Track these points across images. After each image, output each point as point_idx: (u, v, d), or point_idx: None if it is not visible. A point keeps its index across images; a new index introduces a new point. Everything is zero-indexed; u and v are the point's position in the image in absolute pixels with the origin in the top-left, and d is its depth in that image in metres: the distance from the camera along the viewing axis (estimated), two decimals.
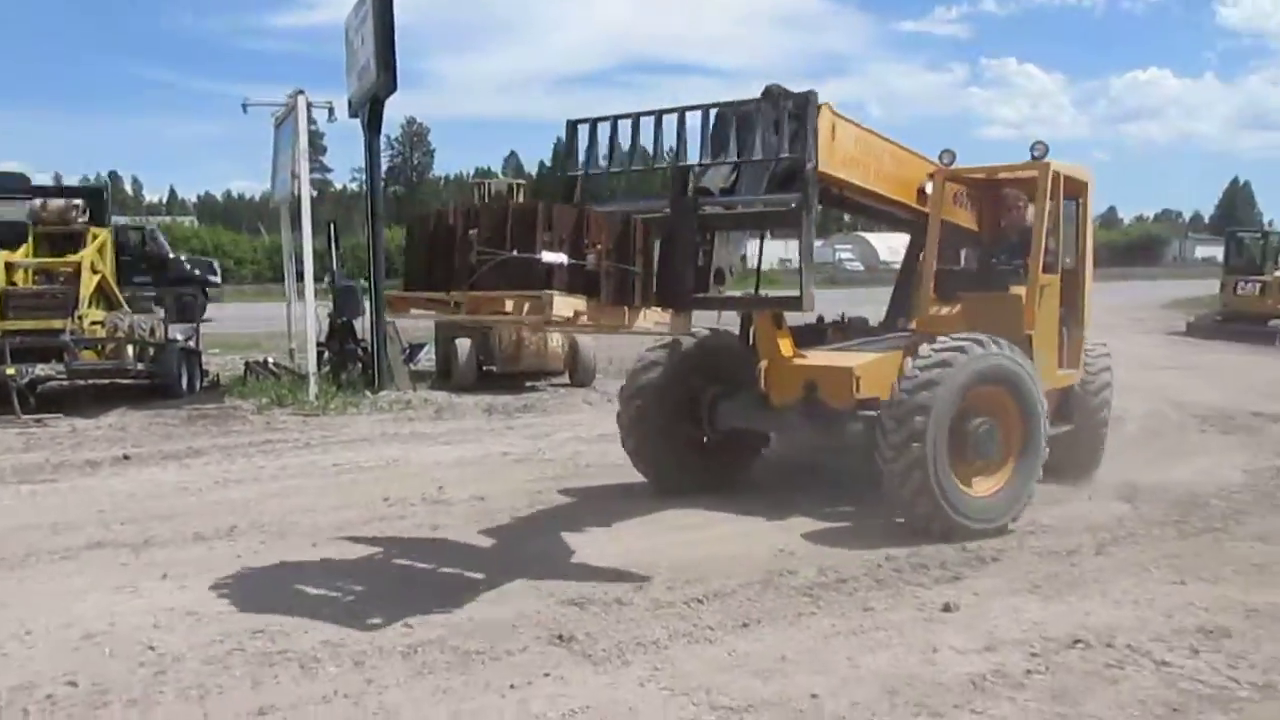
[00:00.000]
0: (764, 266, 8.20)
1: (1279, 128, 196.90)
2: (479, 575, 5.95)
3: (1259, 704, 4.21)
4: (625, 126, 6.40)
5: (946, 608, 5.32)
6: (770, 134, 5.99)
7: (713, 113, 6.23)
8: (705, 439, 8.07)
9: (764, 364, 7.49)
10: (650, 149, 6.40)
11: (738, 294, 7.63)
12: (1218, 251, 39.25)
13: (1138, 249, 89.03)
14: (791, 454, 8.77)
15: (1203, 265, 66.24)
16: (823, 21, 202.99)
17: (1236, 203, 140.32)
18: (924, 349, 6.77)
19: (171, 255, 28.06)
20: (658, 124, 6.20)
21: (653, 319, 5.84)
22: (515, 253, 5.06)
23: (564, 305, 5.09)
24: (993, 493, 6.89)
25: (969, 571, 6.00)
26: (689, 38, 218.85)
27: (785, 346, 7.49)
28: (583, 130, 6.51)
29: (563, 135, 6.84)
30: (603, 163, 6.53)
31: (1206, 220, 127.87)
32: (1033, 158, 7.55)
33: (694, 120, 6.17)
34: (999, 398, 6.96)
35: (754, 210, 6.62)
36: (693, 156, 6.23)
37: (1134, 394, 11.79)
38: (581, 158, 6.63)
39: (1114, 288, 33.60)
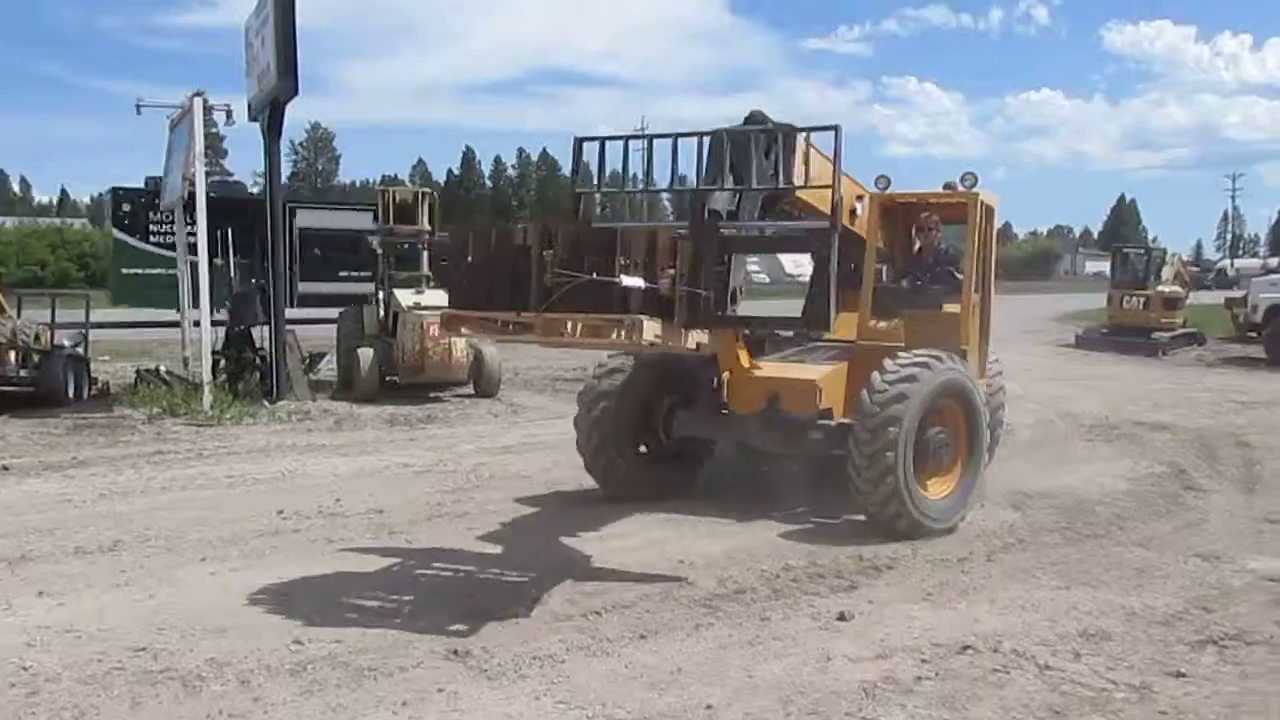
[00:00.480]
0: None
1: (1162, 149, 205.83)
2: (374, 589, 5.83)
3: (1135, 705, 4.35)
4: (613, 146, 6.75)
5: (841, 616, 5.39)
6: (763, 160, 6.20)
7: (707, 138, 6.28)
8: (659, 447, 8.23)
9: (726, 375, 7.65)
10: (646, 171, 6.72)
11: (759, 316, 7.82)
12: (1107, 266, 40.78)
13: (1032, 263, 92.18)
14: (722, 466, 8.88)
15: (1093, 279, 68.78)
16: (731, 36, 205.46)
17: (1123, 219, 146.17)
18: (890, 365, 7.09)
19: None
20: (675, 149, 6.32)
21: (695, 339, 6.00)
22: (595, 276, 5.20)
23: (650, 330, 5.31)
24: (946, 495, 7.35)
25: (864, 581, 6.09)
26: (598, 49, 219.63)
27: (745, 358, 7.63)
28: (588, 148, 6.61)
29: (471, 145, 6.91)
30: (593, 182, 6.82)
31: (1096, 236, 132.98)
32: (963, 188, 8.03)
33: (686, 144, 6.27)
34: (952, 408, 7.45)
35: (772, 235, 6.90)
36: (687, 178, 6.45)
37: (1025, 404, 12.20)
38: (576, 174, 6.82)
39: (1009, 301, 34.61)
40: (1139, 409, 13.72)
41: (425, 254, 16.56)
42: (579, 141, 6.46)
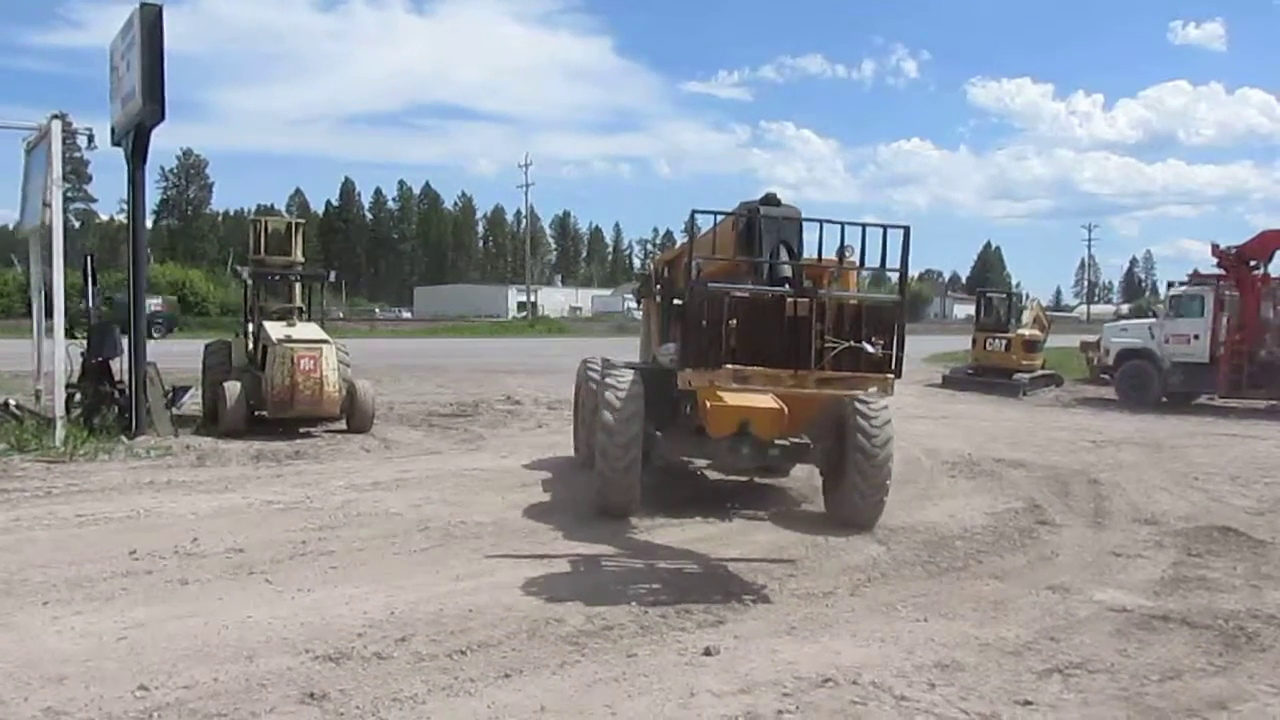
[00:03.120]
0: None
1: (1024, 199, 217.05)
2: (228, 632, 5.61)
3: None
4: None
5: (707, 651, 5.43)
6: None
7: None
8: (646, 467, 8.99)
9: (708, 404, 8.49)
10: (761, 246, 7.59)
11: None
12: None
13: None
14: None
15: (962, 322, 71.53)
16: (614, 78, 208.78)
17: (989, 265, 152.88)
18: (874, 407, 8.48)
19: None
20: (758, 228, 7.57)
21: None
22: (854, 343, 6.46)
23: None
24: None
25: (731, 615, 6.15)
26: (480, 84, 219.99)
27: (723, 390, 8.13)
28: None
29: (351, 176, 7.25)
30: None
31: (964, 280, 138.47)
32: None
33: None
34: None
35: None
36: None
37: (894, 441, 12.52)
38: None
39: None
40: (999, 447, 14.27)
41: (298, 285, 16.21)
42: (694, 214, 7.15)
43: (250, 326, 15.36)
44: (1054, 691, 5.05)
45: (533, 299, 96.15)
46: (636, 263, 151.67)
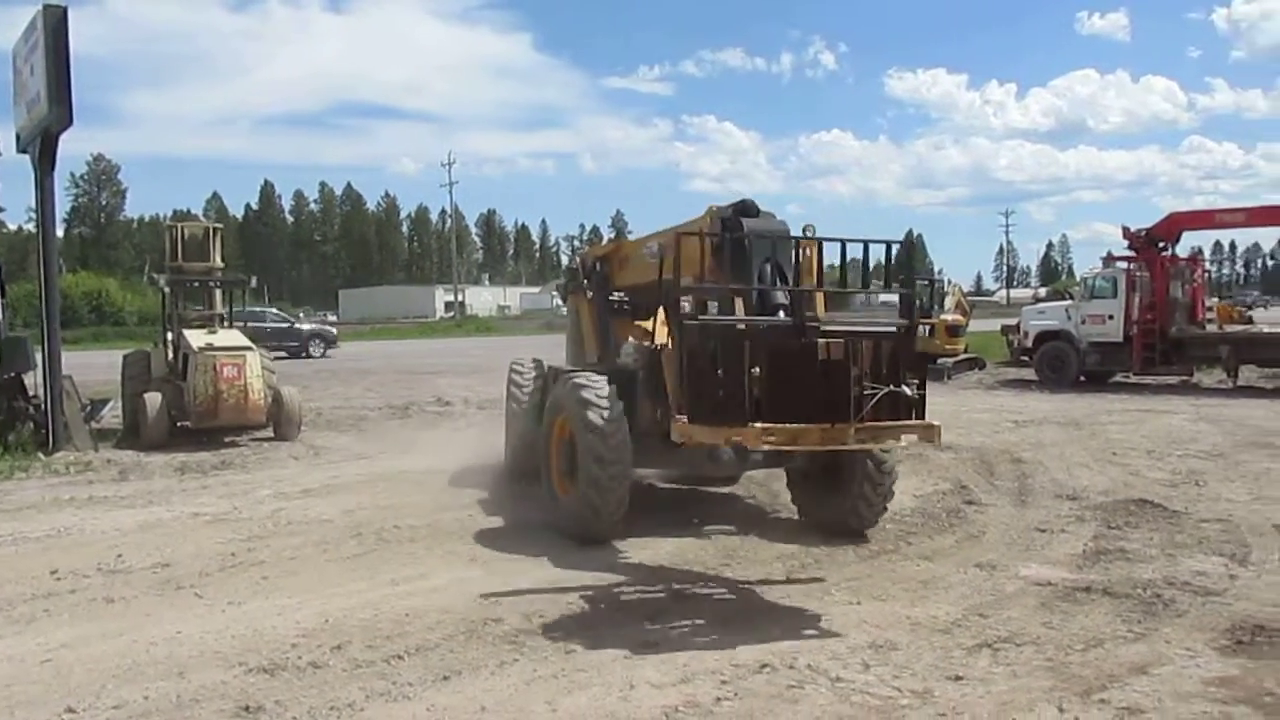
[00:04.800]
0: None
1: (942, 187, 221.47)
2: (157, 649, 5.49)
3: (917, 710, 4.60)
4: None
5: (646, 644, 5.47)
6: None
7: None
8: None
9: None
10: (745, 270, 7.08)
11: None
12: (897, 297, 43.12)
13: (829, 295, 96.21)
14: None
15: (884, 309, 72.60)
16: (535, 74, 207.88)
17: (911, 253, 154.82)
18: None
19: None
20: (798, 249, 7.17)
21: None
22: (892, 387, 5.96)
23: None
24: None
25: (669, 607, 6.19)
26: (400, 82, 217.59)
27: None
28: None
29: (270, 179, 6.93)
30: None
31: (887, 269, 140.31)
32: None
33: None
34: None
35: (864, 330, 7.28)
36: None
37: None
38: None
39: None
40: None
41: (218, 292, 15.89)
42: (678, 237, 6.78)
43: (169, 335, 15.02)
44: (984, 665, 5.19)
45: (460, 299, 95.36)
46: (564, 260, 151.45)
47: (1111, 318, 22.39)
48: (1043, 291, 50.58)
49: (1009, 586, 6.70)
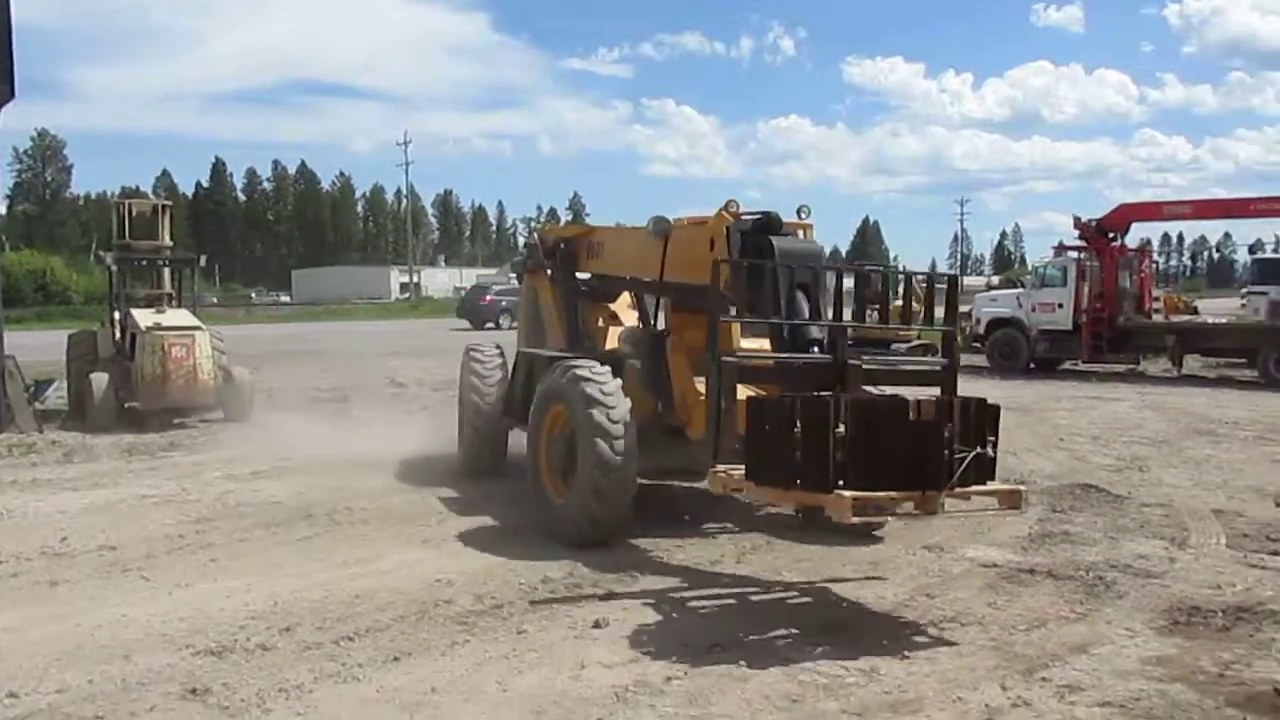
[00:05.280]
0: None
1: (899, 174, 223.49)
2: (102, 632, 5.41)
3: (864, 687, 4.67)
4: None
5: (597, 624, 5.49)
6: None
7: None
8: None
9: (689, 399, 7.43)
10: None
11: None
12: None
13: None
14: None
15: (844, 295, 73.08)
16: (493, 53, 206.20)
17: (868, 239, 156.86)
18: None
19: None
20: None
21: None
22: (980, 450, 5.38)
23: None
24: None
25: (621, 588, 6.21)
26: (355, 60, 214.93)
27: (699, 385, 7.29)
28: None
29: (222, 156, 6.66)
30: None
31: (844, 254, 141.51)
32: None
33: None
34: None
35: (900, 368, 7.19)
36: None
37: None
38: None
39: None
40: None
41: (167, 271, 15.64)
42: (717, 264, 6.40)
43: (116, 315, 14.75)
44: (930, 645, 5.27)
45: (416, 280, 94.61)
46: (521, 241, 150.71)
47: (1061, 306, 22.75)
48: (996, 280, 51.10)
49: (956, 568, 6.81)
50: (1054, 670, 4.89)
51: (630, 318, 9.47)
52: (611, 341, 9.10)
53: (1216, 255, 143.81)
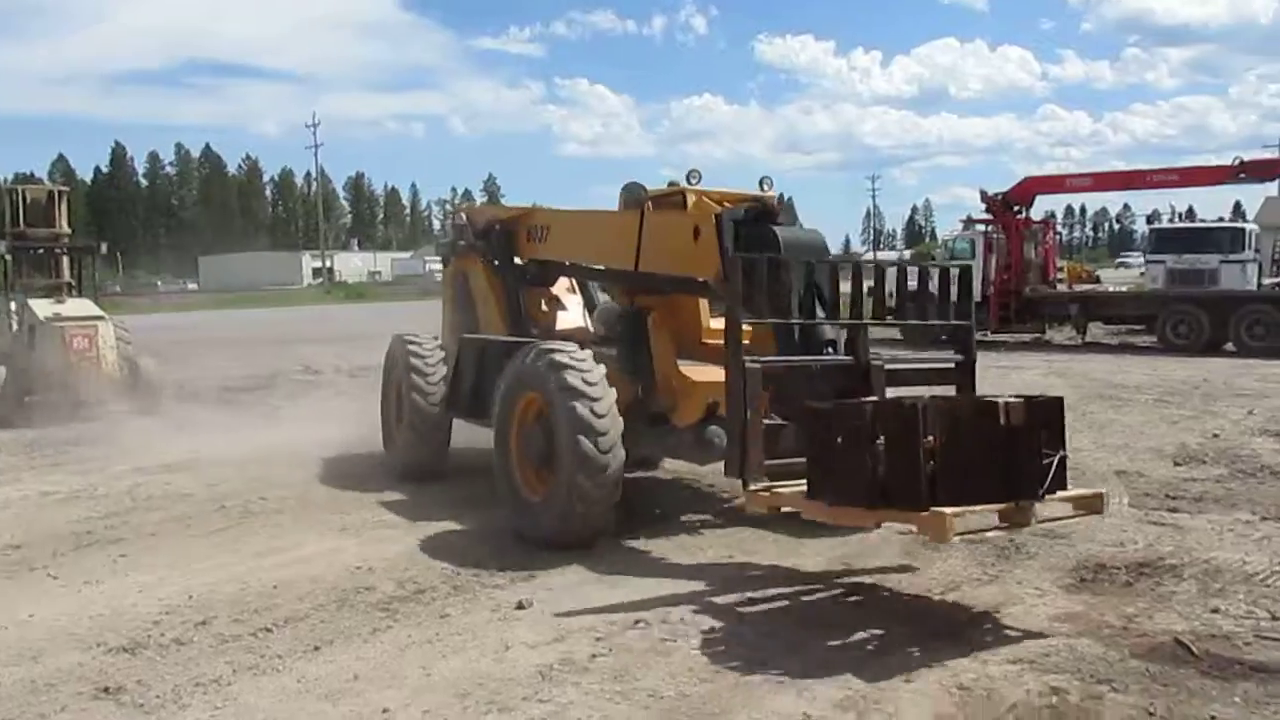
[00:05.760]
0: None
1: (811, 152, 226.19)
2: (8, 633, 5.24)
3: (787, 658, 4.73)
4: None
5: (520, 605, 5.48)
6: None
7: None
8: None
9: (675, 384, 7.03)
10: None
11: None
12: None
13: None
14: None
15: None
16: (402, 33, 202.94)
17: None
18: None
19: None
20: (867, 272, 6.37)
21: None
22: (1063, 452, 4.96)
23: None
24: None
25: (543, 569, 6.19)
26: (259, 39, 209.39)
27: (685, 369, 7.03)
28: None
29: (121, 140, 6.29)
30: None
31: None
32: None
33: None
34: None
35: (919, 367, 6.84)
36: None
37: None
38: None
39: None
40: None
41: (66, 259, 15.09)
42: (736, 258, 5.87)
43: (13, 305, 14.20)
44: (849, 612, 5.38)
45: (328, 265, 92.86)
46: (436, 224, 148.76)
47: None
48: (907, 254, 52.18)
49: (873, 537, 6.93)
50: (968, 631, 5.03)
51: (572, 301, 9.20)
52: (560, 325, 8.77)
53: (1117, 226, 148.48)
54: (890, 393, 6.09)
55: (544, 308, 9.06)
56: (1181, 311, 21.64)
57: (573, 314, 9.22)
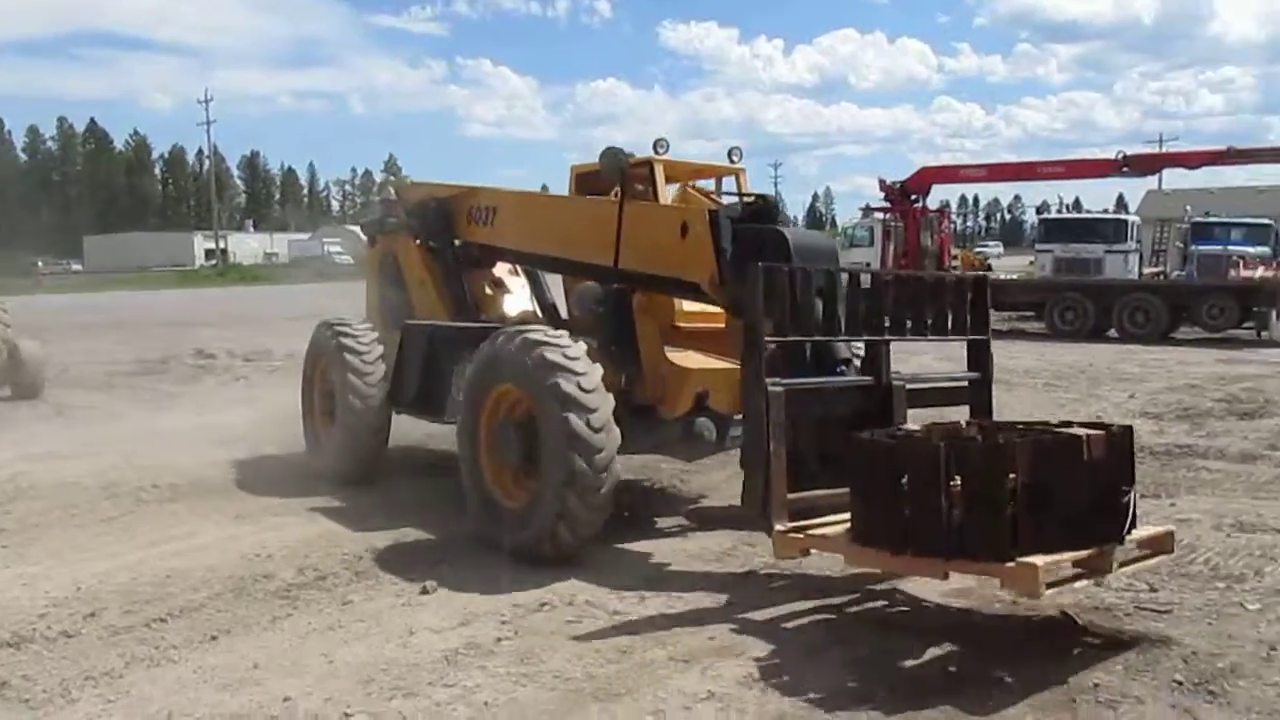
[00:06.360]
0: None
1: (714, 138, 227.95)
2: None
3: (694, 634, 4.80)
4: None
5: (424, 590, 5.43)
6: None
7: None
8: None
9: (664, 372, 6.50)
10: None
11: None
12: None
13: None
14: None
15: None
16: (299, 7, 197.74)
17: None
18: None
19: None
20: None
21: None
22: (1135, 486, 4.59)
23: None
24: None
25: (448, 554, 6.13)
26: (148, 9, 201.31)
27: (673, 356, 6.56)
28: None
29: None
30: None
31: None
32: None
33: None
34: None
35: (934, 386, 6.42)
36: None
37: None
38: None
39: None
40: None
41: None
42: (761, 269, 5.23)
43: None
44: (752, 589, 5.48)
45: (222, 246, 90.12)
46: (335, 204, 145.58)
47: (869, 265, 23.79)
48: None
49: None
50: (866, 605, 5.16)
51: (516, 283, 8.62)
52: (508, 308, 8.26)
53: (1008, 216, 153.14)
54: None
55: (488, 290, 8.46)
56: (1068, 299, 22.46)
57: (519, 297, 8.59)
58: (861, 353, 6.06)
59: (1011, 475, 4.24)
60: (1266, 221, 25.28)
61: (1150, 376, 14.89)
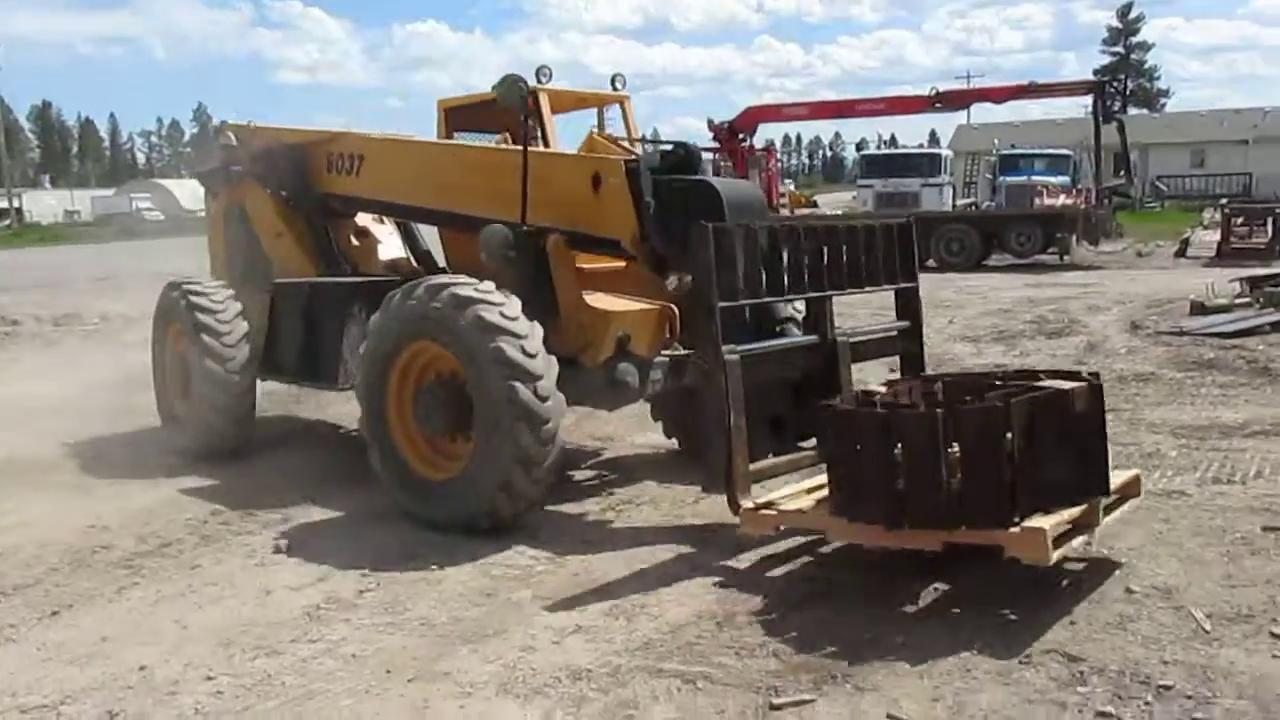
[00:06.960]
0: None
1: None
2: None
3: (554, 574, 4.89)
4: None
5: (278, 550, 5.33)
6: None
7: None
8: None
9: (584, 318, 5.96)
10: None
11: None
12: None
13: None
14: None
15: None
16: None
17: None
18: None
19: None
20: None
21: None
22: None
23: None
24: None
25: (300, 513, 5.98)
26: None
27: (592, 300, 6.02)
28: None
29: None
30: None
31: None
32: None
33: None
34: None
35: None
36: None
37: None
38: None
39: None
40: None
41: None
42: (706, 228, 4.83)
43: None
44: (611, 527, 5.63)
45: (16, 205, 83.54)
46: (140, 157, 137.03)
47: None
48: None
49: (629, 457, 7.23)
50: (721, 534, 5.34)
51: (383, 232, 8.01)
52: (378, 261, 7.65)
53: (830, 153, 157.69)
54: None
55: (354, 241, 7.84)
56: None
57: (390, 245, 7.98)
58: (803, 310, 5.93)
59: (1008, 435, 4.12)
60: (1066, 152, 26.92)
61: (967, 303, 15.76)
